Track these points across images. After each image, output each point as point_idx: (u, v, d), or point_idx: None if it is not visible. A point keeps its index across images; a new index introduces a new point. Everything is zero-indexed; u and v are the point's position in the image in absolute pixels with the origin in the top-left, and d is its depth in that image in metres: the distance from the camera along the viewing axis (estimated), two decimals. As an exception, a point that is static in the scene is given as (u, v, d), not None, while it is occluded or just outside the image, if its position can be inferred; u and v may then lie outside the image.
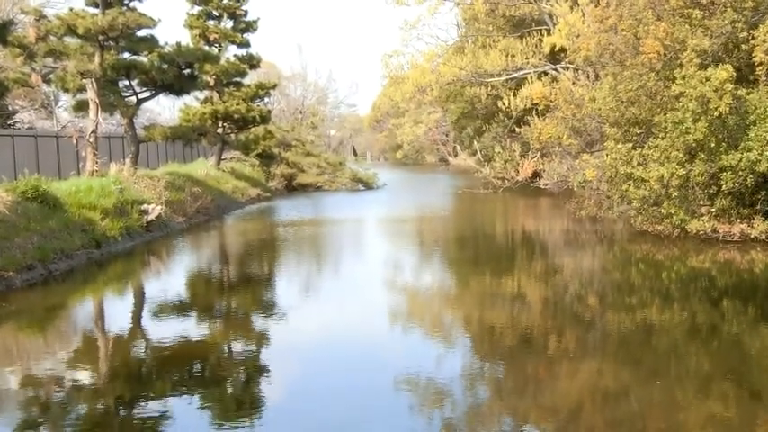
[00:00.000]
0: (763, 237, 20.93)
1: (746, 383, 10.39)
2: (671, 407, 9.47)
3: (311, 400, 9.87)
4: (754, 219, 21.38)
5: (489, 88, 49.14)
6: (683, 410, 9.40)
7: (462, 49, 48.61)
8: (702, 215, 21.95)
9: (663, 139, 21.99)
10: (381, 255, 23.69)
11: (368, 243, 26.88)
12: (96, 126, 30.62)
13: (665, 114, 22.12)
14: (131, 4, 30.82)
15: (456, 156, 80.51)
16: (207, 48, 41.00)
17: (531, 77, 42.51)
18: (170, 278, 19.83)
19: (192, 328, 14.30)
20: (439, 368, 11.22)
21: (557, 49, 39.89)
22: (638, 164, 22.58)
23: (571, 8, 39.56)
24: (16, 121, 43.96)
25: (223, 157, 45.57)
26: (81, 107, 32.76)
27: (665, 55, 22.95)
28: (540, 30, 43.37)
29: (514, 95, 43.86)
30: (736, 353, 11.87)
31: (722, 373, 10.85)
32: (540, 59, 42.31)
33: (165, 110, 77.44)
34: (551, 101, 36.23)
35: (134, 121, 33.63)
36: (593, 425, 9.10)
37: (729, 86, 20.81)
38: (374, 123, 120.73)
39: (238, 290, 18.12)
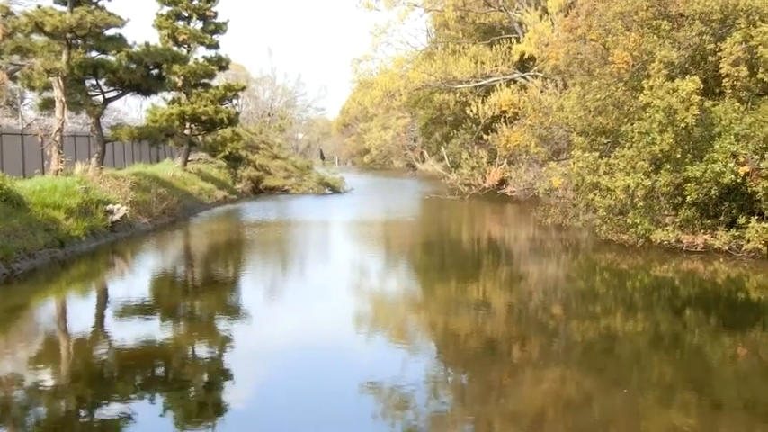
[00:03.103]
0: (726, 248, 21.12)
1: (708, 392, 10.49)
2: (634, 415, 9.53)
3: (273, 403, 9.86)
4: (717, 230, 21.54)
5: (458, 95, 49.31)
6: (645, 419, 9.46)
7: (432, 55, 48.72)
8: (667, 225, 22.12)
9: (629, 148, 22.13)
10: (346, 259, 23.64)
11: (333, 247, 26.84)
12: (62, 125, 30.40)
13: (632, 124, 22.28)
14: (100, 3, 30.67)
15: (423, 161, 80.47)
16: (176, 48, 40.79)
17: (500, 85, 42.68)
18: (134, 279, 19.70)
19: (155, 330, 14.22)
20: (403, 373, 11.21)
21: (526, 57, 40.10)
22: (605, 173, 22.69)
23: (541, 17, 39.83)
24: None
25: (190, 159, 45.40)
26: (47, 105, 32.60)
27: (633, 65, 23.14)
28: (510, 38, 43.57)
29: (483, 102, 43.97)
30: (698, 362, 11.98)
31: (684, 382, 10.95)
32: (509, 67, 42.50)
33: (131, 110, 76.93)
34: (519, 109, 36.45)
35: (100, 120, 33.42)
36: (557, 431, 9.15)
37: (696, 98, 20.96)
38: (342, 128, 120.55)
39: (202, 292, 18.03)
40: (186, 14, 42.57)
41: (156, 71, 33.66)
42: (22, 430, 9.01)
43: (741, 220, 21.05)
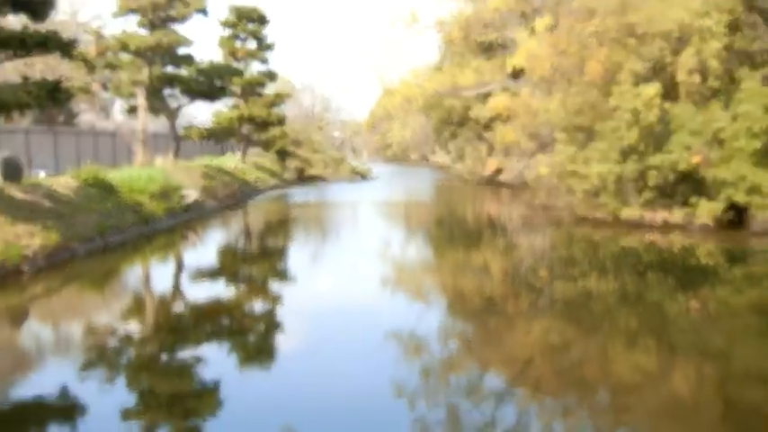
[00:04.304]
0: (681, 222, 21.04)
1: (665, 339, 10.48)
2: (605, 357, 9.55)
3: (314, 346, 9.88)
4: (673, 208, 21.45)
5: (463, 100, 49.02)
6: (614, 360, 9.48)
7: (441, 67, 48.49)
8: (632, 204, 22.03)
9: (602, 142, 22.09)
10: (374, 232, 23.59)
11: (363, 222, 26.80)
12: (145, 126, 30.66)
13: (605, 123, 22.19)
14: (173, 27, 30.81)
15: (435, 154, 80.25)
16: (235, 64, 40.96)
17: (497, 92, 42.37)
18: (204, 249, 19.84)
19: (221, 289, 14.36)
20: (418, 324, 11.21)
21: (517, 68, 39.69)
22: (582, 162, 22.67)
23: (530, 35, 39.42)
24: (77, 122, 43.80)
25: (247, 153, 45.47)
26: (132, 110, 32.88)
27: (605, 75, 22.96)
28: (505, 53, 43.22)
29: (483, 106, 43.69)
30: (657, 314, 11.95)
31: (646, 331, 10.94)
32: (503, 77, 42.18)
33: (200, 113, 76.96)
34: (512, 111, 36.21)
35: (175, 122, 33.60)
36: (544, 370, 9.18)
37: (657, 101, 20.92)
38: (370, 127, 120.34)
39: (258, 259, 18.16)
40: (243, 36, 42.51)
41: (219, 82, 33.80)
42: (116, 369, 9.14)
43: (693, 201, 20.97)
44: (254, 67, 43.72)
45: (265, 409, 7.64)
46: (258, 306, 12.84)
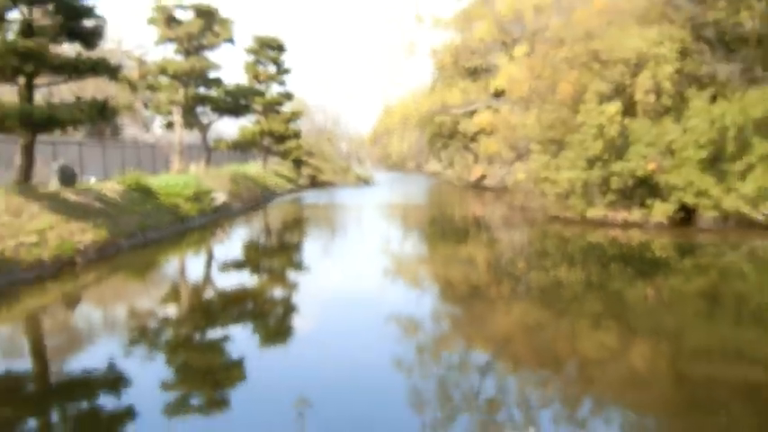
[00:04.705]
0: (638, 221, 21.06)
1: (625, 321, 10.49)
2: (573, 336, 9.55)
3: (324, 329, 9.90)
4: (632, 208, 21.47)
5: (452, 116, 49.01)
6: (580, 338, 9.48)
7: (434, 88, 48.48)
8: (597, 205, 22.05)
9: (571, 152, 22.11)
10: (375, 229, 23.60)
11: (366, 221, 26.76)
12: (180, 138, 30.65)
13: (573, 136, 22.21)
14: (205, 54, 30.84)
15: (428, 162, 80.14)
16: (257, 85, 41.01)
17: (481, 109, 42.37)
18: (230, 243, 19.82)
19: (245, 276, 14.36)
20: (415, 309, 11.25)
21: (499, 89, 39.70)
22: (554, 170, 22.69)
23: (509, 61, 39.41)
24: (122, 135, 43.82)
25: (267, 161, 45.49)
26: (170, 125, 32.87)
27: (574, 95, 22.98)
28: (488, 76, 43.19)
29: (469, 121, 43.67)
30: (618, 299, 11.96)
31: (609, 314, 10.95)
32: (487, 96, 42.18)
33: (228, 127, 76.82)
34: (494, 125, 36.24)
35: (207, 135, 33.60)
36: (521, 347, 9.19)
37: (618, 117, 20.95)
38: (373, 140, 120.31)
39: (276, 252, 18.14)
40: (264, 62, 42.58)
41: (244, 101, 33.80)
42: (156, 346, 9.16)
43: (648, 202, 21.01)
44: (274, 89, 43.76)
45: (282, 382, 7.65)
46: (277, 291, 12.83)
